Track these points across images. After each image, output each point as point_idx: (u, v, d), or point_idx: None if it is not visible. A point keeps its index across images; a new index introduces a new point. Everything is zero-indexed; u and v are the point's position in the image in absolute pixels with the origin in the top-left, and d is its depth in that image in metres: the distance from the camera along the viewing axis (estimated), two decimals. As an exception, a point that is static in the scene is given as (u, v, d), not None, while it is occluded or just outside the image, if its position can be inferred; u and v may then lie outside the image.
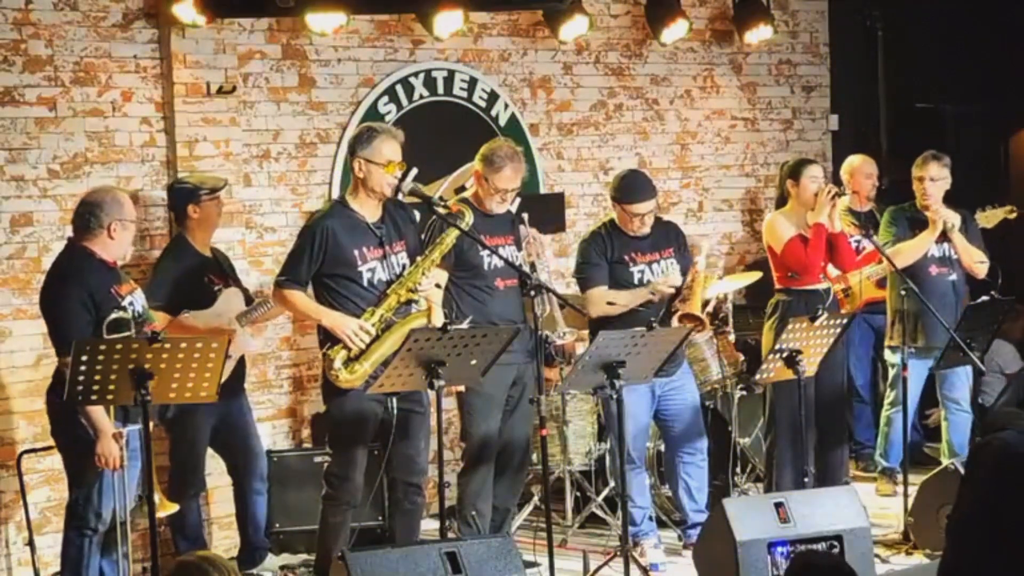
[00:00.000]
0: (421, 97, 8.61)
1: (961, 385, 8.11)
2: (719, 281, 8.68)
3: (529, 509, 7.91)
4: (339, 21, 7.82)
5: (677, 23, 9.19)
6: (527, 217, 7.22)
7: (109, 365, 5.59)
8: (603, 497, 7.93)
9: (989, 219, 8.64)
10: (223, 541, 7.66)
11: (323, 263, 6.46)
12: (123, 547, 6.24)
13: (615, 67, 9.47)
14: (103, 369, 5.59)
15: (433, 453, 6.50)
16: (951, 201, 8.19)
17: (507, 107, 8.97)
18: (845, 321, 7.22)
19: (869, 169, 9.15)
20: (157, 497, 5.93)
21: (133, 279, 6.64)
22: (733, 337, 8.34)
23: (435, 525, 6.53)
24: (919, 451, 8.90)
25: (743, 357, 8.25)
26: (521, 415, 7.17)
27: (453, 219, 6.68)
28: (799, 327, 6.93)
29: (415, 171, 7.67)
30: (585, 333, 7.59)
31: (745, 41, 9.77)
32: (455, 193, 7.87)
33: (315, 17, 7.66)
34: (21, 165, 7.26)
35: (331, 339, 6.41)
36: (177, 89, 7.60)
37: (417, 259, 6.57)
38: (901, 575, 6.96)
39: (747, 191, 10.17)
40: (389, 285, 6.49)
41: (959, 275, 8.23)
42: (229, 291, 7.20)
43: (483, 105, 8.87)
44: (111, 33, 7.51)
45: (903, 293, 7.69)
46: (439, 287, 6.78)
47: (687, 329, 6.95)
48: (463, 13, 8.11)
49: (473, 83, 8.83)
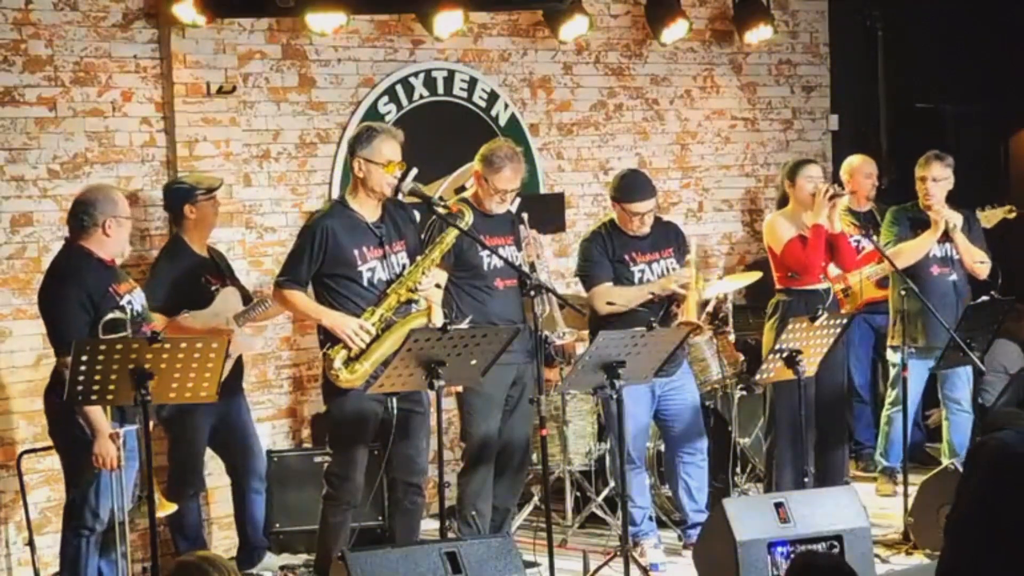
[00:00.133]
0: (421, 97, 8.61)
1: (962, 385, 8.12)
2: (719, 281, 8.68)
3: (529, 509, 7.90)
4: (339, 21, 7.82)
5: (677, 23, 9.19)
6: (527, 217, 7.23)
7: (109, 365, 5.59)
8: (603, 497, 7.92)
9: (989, 219, 8.64)
10: (223, 541, 7.66)
11: (323, 263, 6.46)
12: (121, 547, 6.24)
13: (615, 67, 9.47)
14: (103, 369, 5.59)
15: (433, 453, 6.50)
16: (951, 201, 8.19)
17: (507, 107, 8.96)
18: (845, 321, 7.22)
19: (869, 169, 9.14)
20: (156, 497, 5.92)
21: (133, 279, 6.63)
22: (733, 337, 8.33)
23: (435, 525, 6.52)
24: (920, 451, 8.91)
25: (743, 357, 8.25)
26: (521, 415, 7.17)
27: (453, 219, 6.68)
28: (799, 327, 6.93)
29: (415, 171, 7.67)
30: (585, 333, 7.59)
31: (745, 41, 9.77)
32: (455, 193, 7.87)
33: (315, 17, 7.66)
34: (21, 165, 7.26)
35: (331, 339, 6.41)
36: (177, 89, 7.60)
37: (417, 259, 6.57)
38: (901, 575, 6.96)
39: (747, 191, 10.17)
40: (389, 285, 6.49)
41: (960, 275, 8.23)
42: (226, 291, 7.19)
43: (483, 105, 8.87)
44: (111, 33, 7.51)
45: (903, 293, 7.70)
46: (439, 287, 6.78)
47: (686, 330, 6.95)
48: (463, 13, 8.10)
49: (473, 83, 8.83)
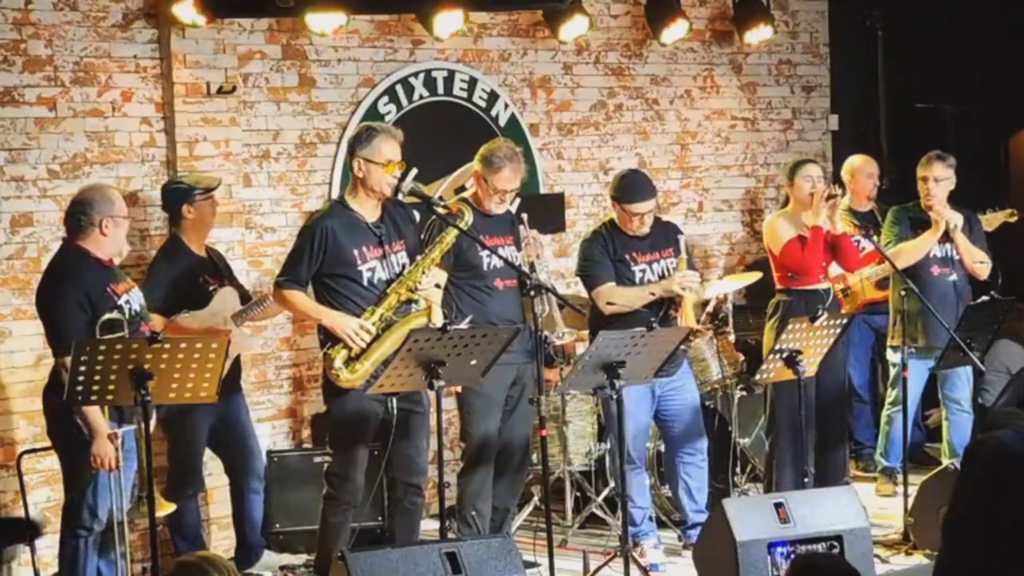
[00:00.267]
0: (421, 97, 8.61)
1: (962, 385, 8.12)
2: (719, 281, 8.68)
3: (529, 509, 7.90)
4: (339, 21, 7.82)
5: (677, 23, 9.18)
6: (527, 217, 7.22)
7: (109, 365, 5.58)
8: (603, 497, 7.92)
9: (990, 222, 8.65)
10: (223, 541, 7.65)
11: (323, 263, 6.46)
12: (120, 547, 6.24)
13: (615, 67, 9.47)
14: (103, 369, 5.59)
15: (433, 453, 6.50)
16: (952, 201, 8.19)
17: (507, 107, 8.96)
18: (845, 321, 7.22)
19: (870, 169, 9.13)
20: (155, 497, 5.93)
21: (132, 279, 6.64)
22: (733, 337, 8.33)
23: (435, 525, 6.52)
24: (920, 451, 8.91)
25: (743, 357, 8.24)
26: (521, 415, 7.17)
27: (452, 219, 6.68)
28: (799, 327, 6.93)
29: (415, 171, 7.63)
30: (585, 333, 7.59)
31: (745, 41, 9.76)
32: (455, 193, 7.87)
33: (315, 17, 7.66)
34: (21, 165, 7.26)
35: (331, 339, 6.41)
36: (177, 89, 7.60)
37: (417, 258, 6.57)
38: (901, 575, 6.96)
39: (747, 191, 10.17)
40: (389, 284, 6.49)
41: (960, 275, 8.23)
42: (224, 290, 7.19)
43: (483, 105, 8.87)
44: (111, 33, 7.51)
45: (903, 293, 7.70)
46: (439, 287, 6.78)
47: (686, 330, 6.95)
48: (463, 13, 8.10)
49: (473, 83, 8.83)
